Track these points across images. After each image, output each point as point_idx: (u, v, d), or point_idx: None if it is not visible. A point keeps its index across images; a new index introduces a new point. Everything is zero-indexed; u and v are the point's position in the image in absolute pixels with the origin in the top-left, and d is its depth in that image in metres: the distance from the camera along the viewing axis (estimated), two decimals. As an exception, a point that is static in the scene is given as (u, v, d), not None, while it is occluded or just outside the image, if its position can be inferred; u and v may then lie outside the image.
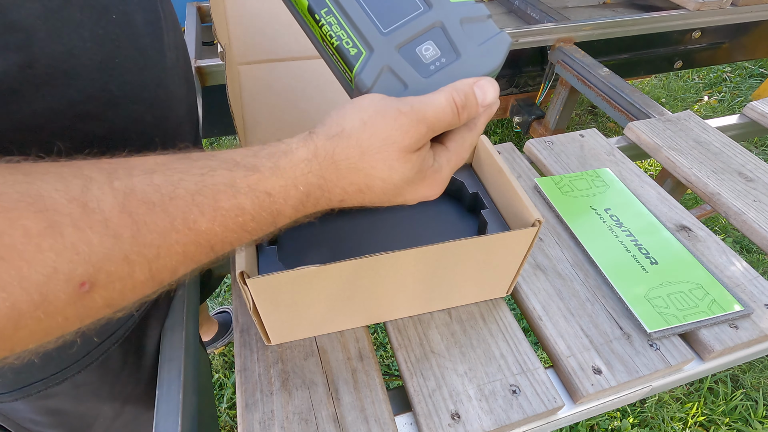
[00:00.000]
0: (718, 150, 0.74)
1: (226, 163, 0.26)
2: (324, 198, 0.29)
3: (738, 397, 1.22)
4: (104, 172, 0.23)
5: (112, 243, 0.21)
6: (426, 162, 0.30)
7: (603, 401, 0.47)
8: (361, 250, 0.50)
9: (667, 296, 0.51)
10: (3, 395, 0.43)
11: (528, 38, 1.23)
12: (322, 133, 0.28)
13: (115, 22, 0.35)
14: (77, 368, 0.45)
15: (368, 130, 0.28)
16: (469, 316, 0.50)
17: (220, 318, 1.36)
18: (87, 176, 0.22)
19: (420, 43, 0.31)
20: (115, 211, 0.22)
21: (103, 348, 0.46)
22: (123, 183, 0.22)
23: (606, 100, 1.09)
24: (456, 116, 0.29)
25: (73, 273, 0.20)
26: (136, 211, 0.22)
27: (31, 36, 0.29)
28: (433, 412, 0.43)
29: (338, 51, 0.31)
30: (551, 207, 0.64)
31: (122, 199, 0.22)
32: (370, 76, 0.30)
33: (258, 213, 0.26)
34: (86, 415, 0.51)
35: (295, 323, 0.45)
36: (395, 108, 0.28)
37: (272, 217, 0.27)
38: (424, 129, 0.28)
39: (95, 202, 0.21)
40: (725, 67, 2.49)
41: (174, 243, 0.23)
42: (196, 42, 1.14)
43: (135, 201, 0.22)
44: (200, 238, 0.25)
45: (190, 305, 0.54)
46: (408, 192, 0.30)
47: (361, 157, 0.28)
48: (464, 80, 0.30)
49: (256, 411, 0.42)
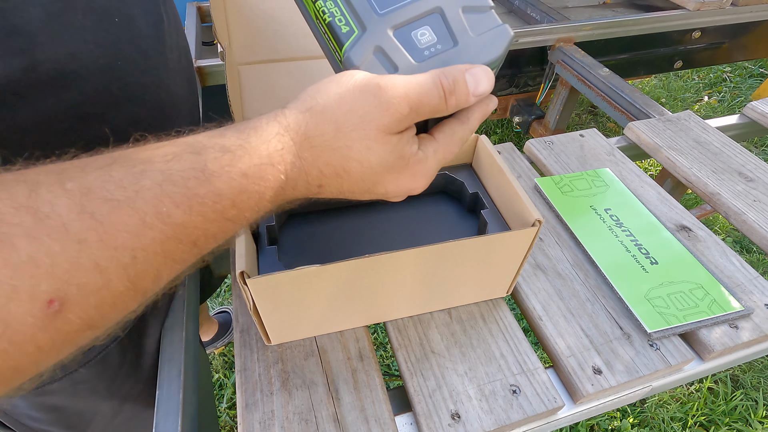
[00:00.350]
0: (718, 150, 0.74)
1: (191, 147, 0.23)
2: (302, 180, 0.26)
3: (738, 397, 1.22)
4: (52, 173, 0.20)
5: (77, 250, 0.19)
6: (408, 148, 0.28)
7: (603, 401, 0.47)
8: (361, 250, 0.50)
9: (667, 296, 0.51)
10: None
11: (528, 38, 1.23)
12: (294, 108, 0.26)
13: (117, 24, 0.35)
14: (76, 365, 0.45)
15: (345, 105, 0.26)
16: (469, 316, 0.50)
17: (220, 318, 1.36)
18: (33, 180, 0.19)
19: (416, 27, 0.30)
20: (73, 214, 0.19)
21: (101, 346, 0.46)
22: (77, 183, 0.20)
23: (606, 100, 1.09)
24: (442, 101, 0.27)
25: (36, 290, 0.17)
26: (99, 210, 0.19)
27: (34, 40, 0.29)
28: (433, 412, 0.43)
29: (330, 27, 0.30)
30: (551, 207, 0.64)
31: (79, 199, 0.19)
32: (358, 55, 0.29)
33: (237, 197, 0.24)
34: (84, 413, 0.51)
35: (295, 323, 0.45)
36: (375, 83, 0.26)
37: (253, 201, 0.25)
38: (405, 108, 0.26)
39: (48, 206, 0.19)
40: (725, 67, 2.49)
41: (150, 242, 0.21)
42: (196, 42, 1.14)
43: (95, 200, 0.20)
44: (179, 233, 0.22)
45: (190, 305, 0.54)
46: (389, 181, 0.28)
47: (336, 135, 0.26)
48: (456, 66, 0.28)
49: (256, 411, 0.42)
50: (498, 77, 1.37)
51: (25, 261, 0.17)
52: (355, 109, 0.26)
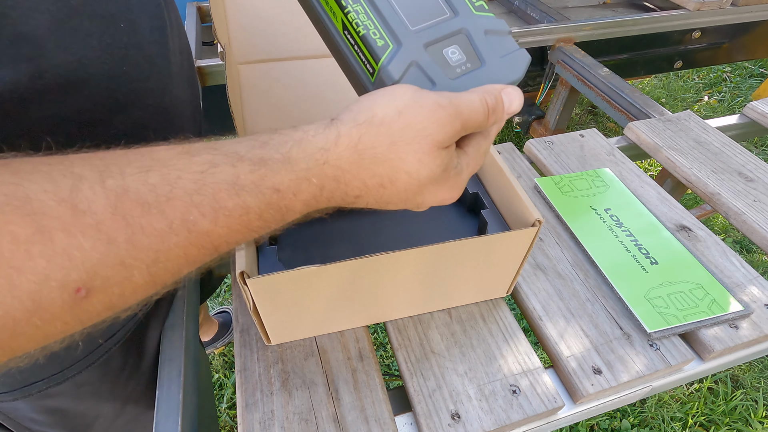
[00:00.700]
0: (718, 150, 0.74)
1: (228, 158, 0.24)
2: (339, 191, 0.27)
3: (738, 397, 1.22)
4: (96, 169, 0.21)
5: (106, 248, 0.20)
6: (452, 161, 0.28)
7: (603, 401, 0.47)
8: (361, 250, 0.50)
9: (667, 296, 0.51)
10: (4, 394, 0.43)
11: (528, 38, 1.23)
12: (348, 120, 0.26)
13: (123, 30, 0.35)
14: (78, 368, 0.45)
15: (403, 119, 0.26)
16: (469, 316, 0.50)
17: (220, 318, 1.36)
18: (77, 174, 0.21)
19: (447, 45, 0.31)
20: (107, 214, 0.20)
21: (104, 348, 0.46)
22: (116, 182, 0.21)
23: (606, 100, 1.09)
24: (486, 118, 0.28)
25: (66, 279, 0.19)
26: (131, 213, 0.21)
27: (41, 47, 0.29)
28: (433, 412, 0.43)
29: (364, 40, 0.30)
30: (551, 207, 0.64)
31: (114, 200, 0.21)
32: (398, 69, 0.30)
33: (264, 211, 0.24)
34: (86, 415, 0.51)
35: (295, 323, 0.45)
36: (434, 100, 0.26)
37: (280, 214, 0.25)
38: (459, 125, 0.27)
39: (86, 203, 0.20)
40: (725, 67, 2.49)
41: (173, 246, 0.22)
42: (196, 42, 1.14)
43: (129, 202, 0.21)
44: (202, 241, 0.23)
45: (190, 305, 0.54)
46: (429, 192, 0.29)
47: (389, 147, 0.26)
48: (493, 85, 0.29)
49: (256, 411, 0.42)
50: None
51: (59, 254, 0.19)
52: (413, 124, 0.26)
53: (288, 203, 0.25)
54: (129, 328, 0.48)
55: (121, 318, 0.24)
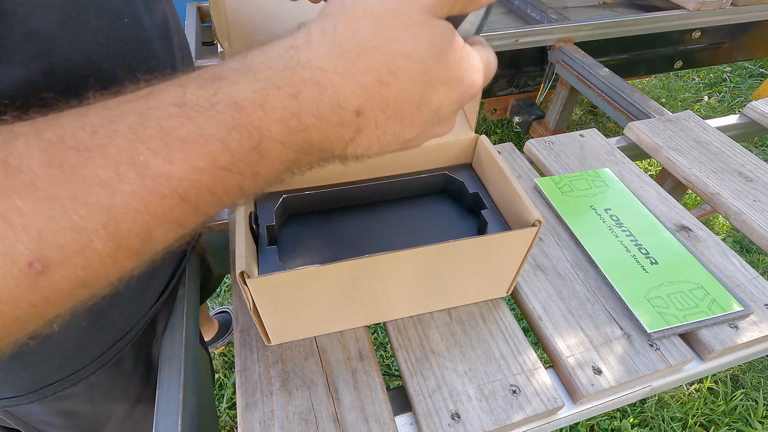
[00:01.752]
0: (718, 150, 0.74)
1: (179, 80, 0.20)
2: (328, 101, 0.21)
3: (738, 397, 1.22)
4: (34, 125, 0.18)
5: (49, 208, 0.17)
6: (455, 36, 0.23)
7: (603, 401, 0.47)
8: (361, 250, 0.50)
9: (667, 296, 0.51)
10: (19, 398, 0.43)
11: (528, 38, 1.23)
12: (318, 17, 0.22)
13: (128, 26, 0.35)
14: (92, 369, 0.45)
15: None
16: (469, 316, 0.50)
17: (220, 318, 1.36)
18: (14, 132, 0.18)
19: None
20: (42, 167, 0.17)
21: (116, 349, 0.46)
22: (53, 132, 0.18)
23: (606, 100, 1.09)
24: None
25: (12, 251, 0.16)
26: (69, 162, 0.17)
27: (52, 43, 0.29)
28: (433, 412, 0.43)
29: None
30: (551, 207, 0.64)
31: (50, 150, 0.17)
32: None
33: (229, 138, 0.19)
34: (99, 416, 0.51)
35: (295, 323, 0.45)
36: None
37: (252, 142, 0.20)
38: None
39: (18, 157, 0.17)
40: (725, 67, 2.49)
41: (128, 198, 0.18)
42: (196, 42, 1.14)
43: (65, 150, 0.17)
44: (160, 186, 0.19)
45: (190, 305, 0.54)
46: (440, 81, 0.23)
47: (374, 28, 0.21)
48: None
49: (256, 411, 0.42)
50: (498, 77, 1.38)
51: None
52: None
53: (258, 123, 0.20)
54: (139, 328, 0.48)
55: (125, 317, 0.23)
